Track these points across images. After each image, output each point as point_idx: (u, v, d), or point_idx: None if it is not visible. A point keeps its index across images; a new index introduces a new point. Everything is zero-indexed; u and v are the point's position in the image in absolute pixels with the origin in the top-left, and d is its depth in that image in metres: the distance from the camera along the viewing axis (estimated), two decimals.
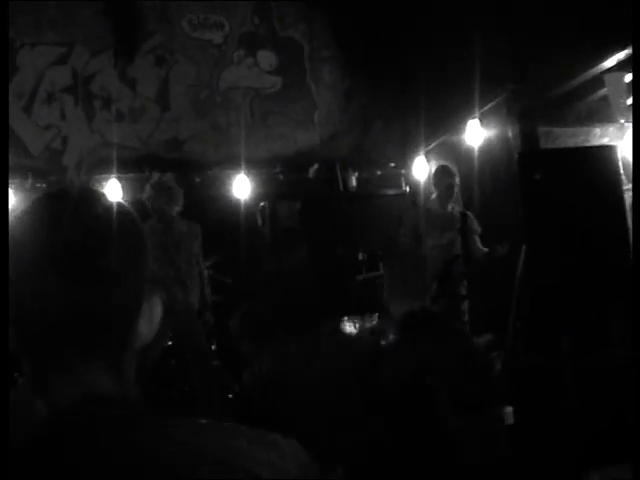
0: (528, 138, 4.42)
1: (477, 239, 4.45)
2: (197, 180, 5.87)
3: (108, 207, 0.75)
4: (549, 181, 3.83)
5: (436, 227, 4.38)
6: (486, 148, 5.02)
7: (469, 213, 4.72)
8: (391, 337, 1.91)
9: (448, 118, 5.40)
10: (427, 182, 5.78)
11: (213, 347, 4.87)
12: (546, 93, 4.27)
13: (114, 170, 5.43)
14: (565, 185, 3.69)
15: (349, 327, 5.17)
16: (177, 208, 4.33)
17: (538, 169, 3.85)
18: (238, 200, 5.87)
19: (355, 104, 6.27)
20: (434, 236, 4.36)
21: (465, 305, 4.39)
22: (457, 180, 4.64)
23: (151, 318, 0.76)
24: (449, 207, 4.53)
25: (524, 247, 4.13)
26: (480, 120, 4.89)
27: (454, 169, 4.70)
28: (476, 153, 5.06)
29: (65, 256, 0.69)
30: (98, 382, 0.72)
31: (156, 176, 5.48)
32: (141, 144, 5.86)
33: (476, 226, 4.50)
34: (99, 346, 0.72)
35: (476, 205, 5.23)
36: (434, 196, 4.63)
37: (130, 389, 0.74)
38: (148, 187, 4.42)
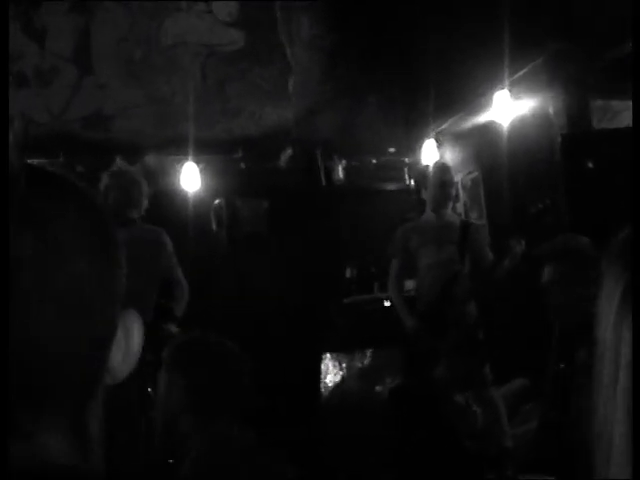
0: (577, 115, 4.46)
1: (487, 250, 4.48)
2: (130, 169, 5.60)
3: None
4: (603, 171, 3.74)
5: (429, 241, 4.43)
6: (519, 128, 5.00)
7: (474, 221, 4.82)
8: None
9: (467, 88, 5.38)
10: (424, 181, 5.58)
11: (149, 389, 4.82)
12: (603, 54, 4.26)
13: None
14: (623, 177, 3.70)
15: (332, 368, 5.05)
16: (140, 210, 4.19)
17: (589, 155, 3.85)
18: (185, 196, 5.86)
19: (342, 69, 6.23)
20: (428, 252, 4.40)
21: (479, 334, 4.27)
22: (453, 179, 4.71)
23: (128, 350, 0.77)
24: (445, 215, 4.56)
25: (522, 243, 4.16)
26: (510, 91, 4.86)
27: (447, 164, 4.78)
28: (505, 135, 5.02)
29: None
30: (53, 448, 0.71)
31: (122, 165, 5.39)
32: (51, 119, 5.77)
33: (483, 237, 4.58)
34: (54, 397, 0.71)
35: (504, 204, 5.26)
36: (427, 201, 4.67)
37: (94, 453, 0.74)
38: (106, 177, 4.21)
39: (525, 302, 4.27)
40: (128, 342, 0.77)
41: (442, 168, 4.63)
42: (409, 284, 4.67)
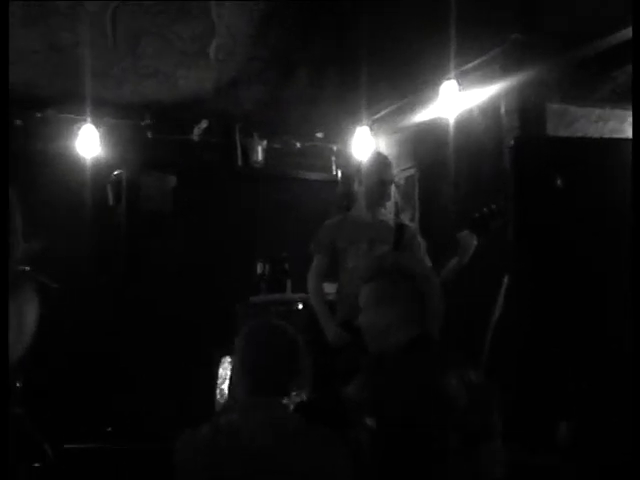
0: (531, 117, 4.50)
1: (424, 256, 4.38)
2: (18, 123, 5.73)
3: None
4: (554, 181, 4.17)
5: (360, 239, 4.34)
6: (464, 125, 5.01)
7: (409, 224, 4.74)
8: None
9: (411, 75, 5.37)
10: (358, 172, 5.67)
11: (18, 384, 4.69)
12: (568, 52, 4.26)
13: None
14: (582, 193, 4.11)
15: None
16: None
17: (547, 167, 3.95)
18: (83, 162, 5.75)
19: (275, 37, 6.14)
20: (358, 252, 4.32)
21: None
22: (393, 175, 4.65)
23: (21, 329, 0.83)
24: (380, 212, 4.52)
25: (506, 278, 4.36)
26: (459, 83, 4.84)
27: (388, 159, 4.69)
28: (449, 131, 5.06)
29: None
30: None
31: None
32: None
33: (419, 241, 4.48)
34: None
35: (440, 207, 5.35)
36: (360, 195, 4.58)
37: None
38: None
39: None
40: (21, 321, 0.83)
41: (383, 162, 4.52)
42: (329, 287, 4.54)
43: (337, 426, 3.43)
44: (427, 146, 5.54)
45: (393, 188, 5.53)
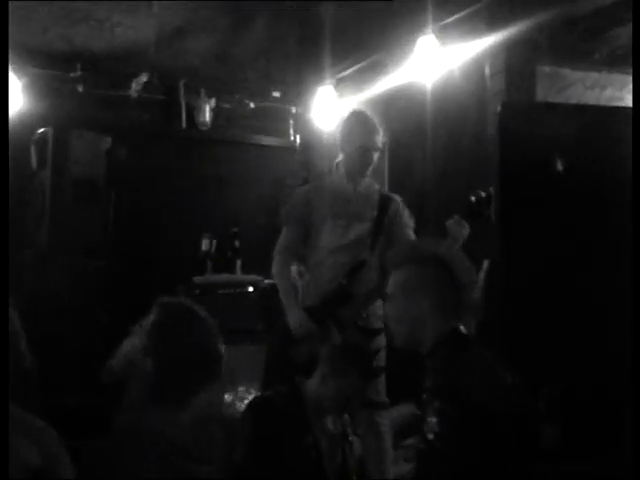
0: (519, 80, 4.57)
1: (411, 234, 4.34)
2: None
3: None
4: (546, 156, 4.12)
5: (338, 214, 4.24)
6: (443, 88, 5.01)
7: (395, 196, 4.66)
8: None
9: (383, 28, 5.40)
10: (335, 132, 5.58)
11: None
12: (561, 5, 4.27)
13: None
14: (577, 170, 4.10)
15: None
16: None
17: (532, 133, 4.18)
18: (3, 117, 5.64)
19: None
20: (334, 229, 4.23)
21: (380, 342, 4.22)
22: (381, 139, 4.47)
23: None
24: (363, 183, 4.38)
25: (487, 262, 4.41)
26: (438, 38, 4.85)
27: (376, 119, 4.50)
28: (425, 95, 5.03)
29: None
30: None
31: None
32: None
33: (407, 218, 4.39)
34: None
35: (412, 183, 5.31)
36: (338, 161, 4.48)
37: None
38: None
39: None
40: None
41: (366, 124, 4.32)
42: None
43: (294, 430, 3.35)
44: (400, 112, 5.48)
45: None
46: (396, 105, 5.59)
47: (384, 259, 3.89)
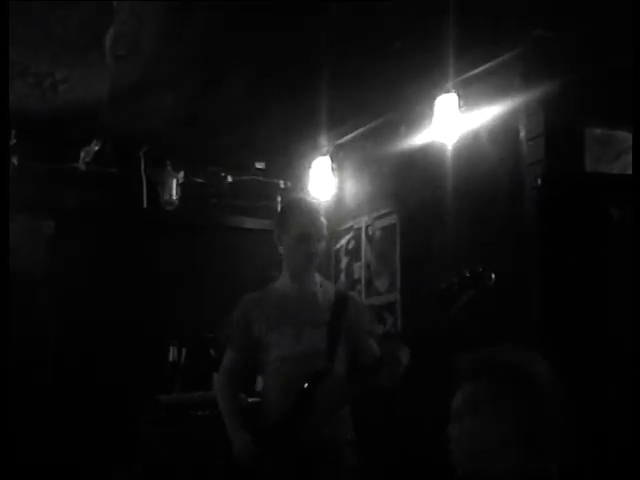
0: (563, 146, 4.53)
1: (371, 344, 4.42)
2: None
3: None
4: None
5: (286, 320, 4.39)
6: (466, 154, 5.07)
7: (354, 295, 4.81)
8: None
9: (393, 84, 5.42)
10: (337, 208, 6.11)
11: None
12: (612, 54, 4.32)
13: None
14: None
15: None
16: None
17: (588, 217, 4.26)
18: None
19: (199, 24, 5.71)
20: (282, 339, 4.36)
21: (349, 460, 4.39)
22: (324, 229, 4.59)
23: None
24: (309, 281, 4.51)
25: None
26: (459, 96, 4.94)
27: (318, 205, 4.73)
28: (446, 161, 5.11)
29: None
30: None
31: None
32: None
33: (368, 321, 4.57)
34: None
35: (428, 269, 5.29)
36: (284, 261, 4.64)
37: None
38: None
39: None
40: None
41: (305, 210, 4.43)
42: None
43: None
44: (414, 183, 5.53)
45: (363, 244, 5.64)
46: (409, 176, 5.64)
47: (350, 367, 4.33)
